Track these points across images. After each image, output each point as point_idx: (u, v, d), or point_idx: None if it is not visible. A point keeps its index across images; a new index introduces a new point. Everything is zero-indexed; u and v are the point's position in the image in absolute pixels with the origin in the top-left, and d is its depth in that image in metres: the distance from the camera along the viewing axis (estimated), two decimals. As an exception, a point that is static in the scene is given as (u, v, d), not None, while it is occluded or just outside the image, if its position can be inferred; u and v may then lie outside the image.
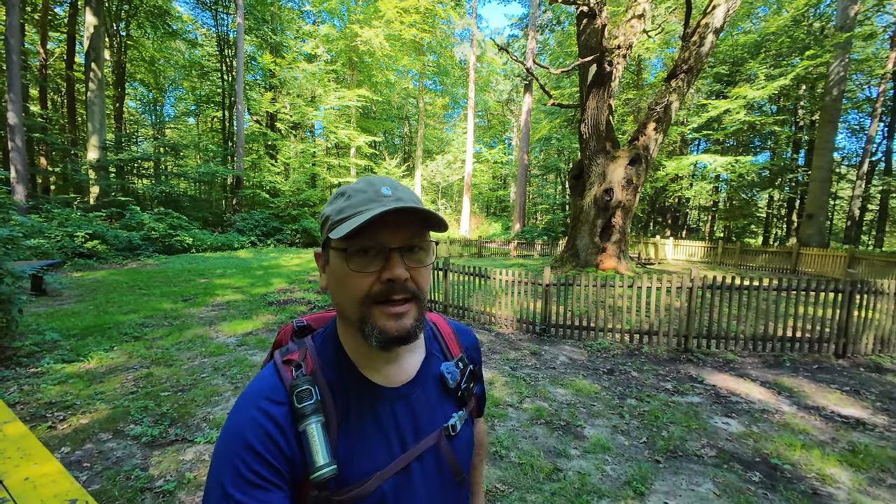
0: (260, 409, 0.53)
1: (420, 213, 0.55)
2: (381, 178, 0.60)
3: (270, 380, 0.57)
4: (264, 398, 0.54)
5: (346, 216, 0.55)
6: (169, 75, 26.05)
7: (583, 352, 4.91)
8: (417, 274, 0.57)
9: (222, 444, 0.52)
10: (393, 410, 0.60)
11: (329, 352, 0.61)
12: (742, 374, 4.16)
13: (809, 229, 14.43)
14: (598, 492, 2.28)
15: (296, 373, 0.57)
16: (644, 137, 9.97)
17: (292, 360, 0.58)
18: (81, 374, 3.75)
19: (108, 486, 2.26)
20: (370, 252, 0.55)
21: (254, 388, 0.56)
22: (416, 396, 0.62)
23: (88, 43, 15.19)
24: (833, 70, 14.39)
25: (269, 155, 22.26)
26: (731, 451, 2.72)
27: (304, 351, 0.60)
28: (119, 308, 6.31)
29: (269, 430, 0.52)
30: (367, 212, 0.53)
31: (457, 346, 0.73)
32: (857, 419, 3.20)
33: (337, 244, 0.55)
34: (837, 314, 4.61)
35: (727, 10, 9.31)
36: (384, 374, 0.61)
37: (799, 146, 22.38)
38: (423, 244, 0.58)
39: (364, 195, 0.56)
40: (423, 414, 0.62)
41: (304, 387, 0.55)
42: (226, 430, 0.53)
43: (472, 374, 0.72)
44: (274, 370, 0.58)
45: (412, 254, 0.57)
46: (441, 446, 0.63)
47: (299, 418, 0.53)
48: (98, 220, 12.74)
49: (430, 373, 0.66)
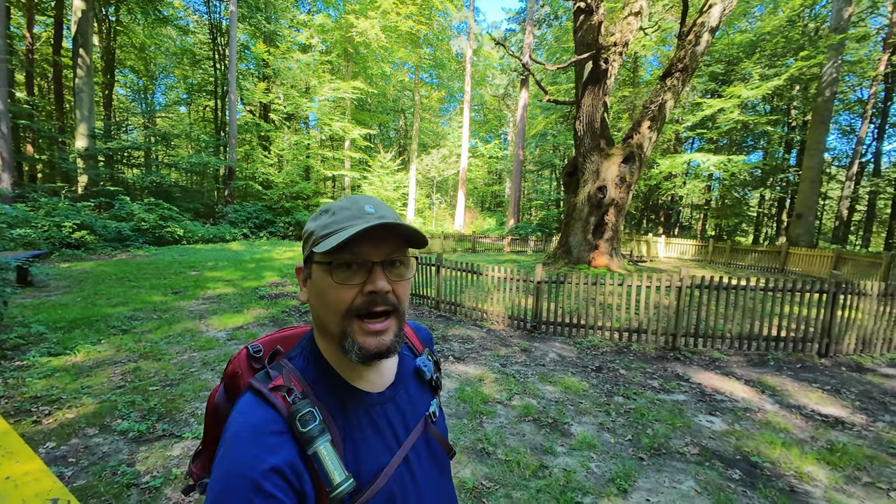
0: (261, 445, 0.51)
1: (401, 230, 0.58)
2: (365, 197, 0.63)
3: (261, 411, 0.54)
4: (262, 432, 0.52)
5: (330, 231, 0.58)
6: (160, 62, 25.54)
7: (572, 349, 4.96)
8: (398, 287, 0.60)
9: (225, 484, 0.49)
10: (384, 413, 0.64)
11: (315, 371, 0.61)
12: (727, 373, 4.23)
13: (798, 229, 14.63)
14: (582, 489, 2.32)
15: (290, 398, 0.56)
16: (638, 136, 10.00)
17: (280, 387, 0.57)
18: (68, 368, 3.72)
19: (93, 481, 2.25)
20: (353, 266, 0.57)
21: (245, 423, 0.53)
22: (399, 397, 0.67)
23: (76, 28, 14.83)
24: (826, 71, 14.52)
25: (262, 146, 22.00)
26: (714, 449, 2.78)
27: (289, 375, 0.59)
28: (107, 300, 6.24)
29: (276, 464, 0.50)
30: (352, 227, 0.55)
31: (419, 342, 0.80)
32: (836, 418, 3.28)
33: (321, 258, 0.58)
34: (821, 314, 4.70)
35: (723, 9, 9.32)
36: (369, 381, 0.64)
37: (791, 146, 22.62)
38: (404, 259, 0.61)
39: (348, 212, 0.59)
40: (409, 410, 0.68)
41: (306, 409, 0.55)
42: (225, 472, 0.50)
43: (437, 364, 0.79)
44: (260, 400, 0.56)
45: (393, 268, 0.60)
46: (429, 430, 0.69)
47: (307, 442, 0.53)
48: (86, 209, 12.54)
49: (405, 371, 0.71)
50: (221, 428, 0.59)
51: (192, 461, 0.78)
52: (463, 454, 2.64)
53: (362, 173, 24.52)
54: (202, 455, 0.76)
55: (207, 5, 22.74)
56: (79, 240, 10.96)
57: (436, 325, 5.87)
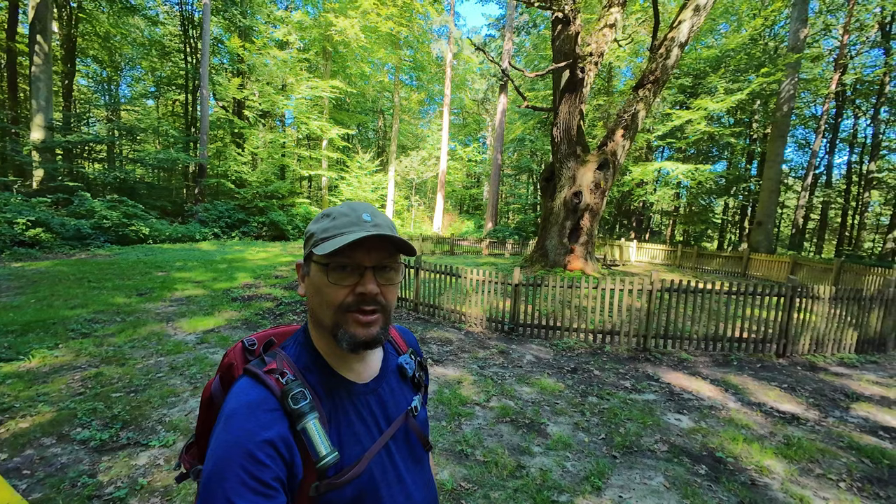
0: (256, 420, 0.57)
1: (393, 241, 0.65)
2: (364, 205, 0.69)
3: (256, 390, 0.60)
4: (257, 409, 0.58)
5: (329, 235, 0.64)
6: (125, 53, 24.36)
7: (549, 351, 5.05)
8: (386, 290, 0.66)
9: (221, 457, 0.54)
10: (367, 402, 0.70)
11: (306, 359, 0.67)
12: (694, 373, 4.42)
13: (759, 236, 15.46)
14: (558, 487, 2.37)
15: (283, 379, 0.61)
16: (612, 143, 10.32)
17: (274, 370, 0.63)
18: (21, 374, 3.49)
19: (51, 493, 2.12)
20: (347, 268, 0.64)
21: (241, 402, 0.59)
22: (382, 389, 0.73)
23: (34, 13, 13.98)
24: (784, 88, 15.43)
25: (235, 143, 21.35)
26: (681, 446, 2.89)
27: (282, 361, 0.65)
28: (65, 302, 5.90)
29: (269, 437, 0.56)
30: (349, 234, 0.62)
31: (403, 343, 0.86)
32: (792, 414, 3.48)
33: (319, 259, 0.64)
34: (779, 317, 4.98)
35: (692, 25, 9.77)
36: (356, 371, 0.70)
37: (752, 157, 23.89)
38: (394, 265, 0.68)
39: (346, 219, 0.65)
40: (390, 402, 0.73)
41: (297, 390, 0.61)
42: (222, 444, 0.55)
43: (420, 364, 0.84)
44: (255, 382, 0.61)
45: (384, 272, 0.66)
46: (409, 423, 0.75)
47: (297, 418, 0.59)
48: (42, 206, 11.80)
49: (388, 367, 0.77)
50: (215, 418, 0.65)
51: (183, 451, 0.81)
52: (442, 456, 2.64)
53: (340, 173, 24.18)
54: (193, 447, 0.80)
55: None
56: (33, 238, 10.31)
57: (414, 327, 5.86)
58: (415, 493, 0.72)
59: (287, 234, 18.42)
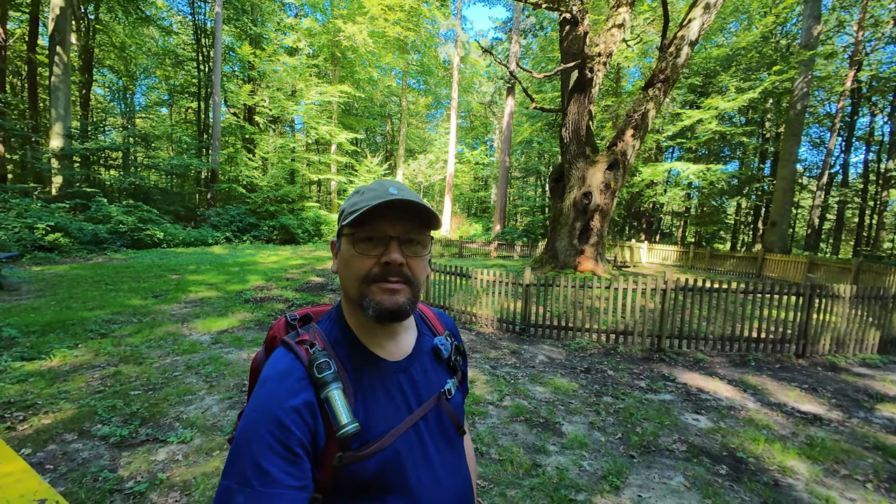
0: (284, 387, 0.59)
1: (416, 208, 0.65)
2: (392, 181, 0.69)
3: (286, 359, 0.63)
4: (286, 377, 0.60)
5: (357, 209, 0.64)
6: (141, 63, 24.94)
7: (561, 351, 5.01)
8: (412, 262, 0.66)
9: (251, 421, 0.57)
10: (398, 380, 0.69)
11: (336, 332, 0.69)
12: (711, 373, 4.34)
13: (773, 236, 15.17)
14: (575, 486, 2.34)
15: (311, 350, 0.63)
16: (622, 143, 10.25)
17: (304, 341, 0.65)
18: (43, 373, 3.57)
19: (73, 488, 2.16)
20: (373, 239, 0.64)
21: (272, 370, 0.62)
22: (414, 369, 0.72)
23: (53, 25, 14.40)
24: (797, 86, 15.18)
25: (246, 149, 21.67)
26: (701, 446, 2.84)
27: (314, 333, 0.68)
28: (83, 304, 6.02)
29: (295, 404, 0.57)
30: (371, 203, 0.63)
31: (440, 325, 0.85)
32: (814, 415, 3.40)
33: (347, 231, 0.66)
34: (798, 317, 4.87)
35: (702, 24, 9.68)
36: (386, 349, 0.70)
37: (765, 157, 23.51)
38: (420, 238, 0.68)
39: (374, 193, 0.66)
40: (422, 382, 0.72)
41: (322, 359, 0.62)
42: (252, 408, 0.58)
43: (458, 348, 0.83)
44: (286, 350, 0.64)
45: (410, 245, 0.66)
46: (442, 405, 0.74)
47: (321, 387, 0.60)
48: (61, 211, 12.09)
49: (423, 348, 0.76)
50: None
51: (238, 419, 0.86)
52: (456, 454, 2.63)
53: (349, 177, 24.38)
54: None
55: (192, 6, 22.43)
56: (52, 242, 10.56)
57: (425, 328, 5.85)
58: (444, 476, 0.71)
59: (297, 238, 18.59)
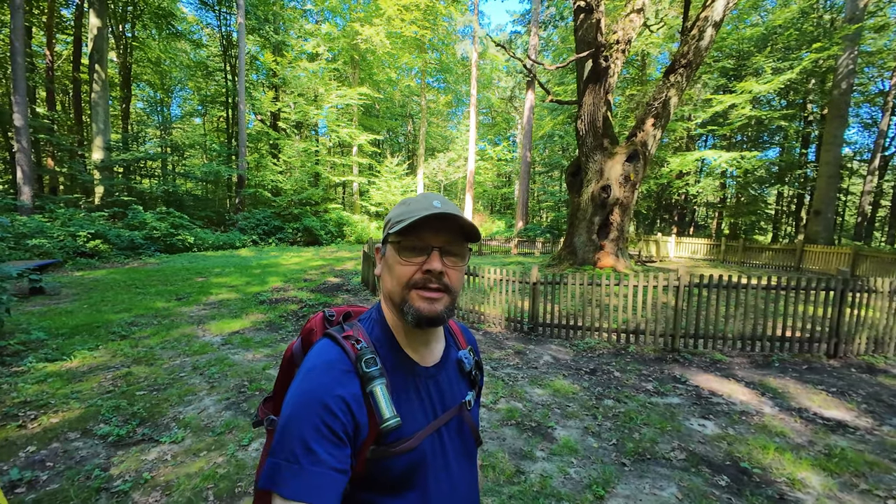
0: (332, 376, 0.63)
1: (457, 222, 0.70)
2: (435, 195, 0.74)
3: (334, 351, 0.67)
4: (334, 367, 0.65)
5: (403, 219, 0.70)
6: (175, 76, 26.30)
7: (568, 351, 4.85)
8: (451, 272, 0.70)
9: (301, 403, 0.61)
10: (427, 385, 0.74)
11: (378, 333, 0.73)
12: (728, 375, 4.07)
13: (817, 226, 14.12)
14: (556, 495, 2.24)
15: (359, 346, 0.68)
16: (642, 133, 9.82)
17: (350, 336, 0.70)
18: (61, 374, 3.79)
19: (65, 485, 2.27)
20: (417, 248, 0.69)
21: (321, 359, 0.66)
22: (441, 377, 0.77)
23: (92, 45, 15.39)
24: (842, 63, 14.03)
25: (271, 154, 22.40)
26: (702, 454, 2.65)
27: (358, 331, 0.72)
28: (112, 307, 6.38)
29: (342, 394, 0.62)
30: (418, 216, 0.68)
31: (463, 339, 0.89)
32: (838, 421, 3.10)
33: (393, 239, 0.71)
34: (829, 313, 4.49)
35: (727, 2, 9.10)
36: (420, 354, 0.75)
37: (808, 141, 21.89)
38: (460, 250, 0.72)
39: (419, 204, 0.71)
40: (447, 390, 0.77)
41: (370, 356, 0.67)
42: (302, 392, 0.62)
43: (478, 363, 0.87)
44: (333, 343, 0.68)
45: (450, 255, 0.71)
46: (463, 414, 0.79)
47: (368, 381, 0.64)
48: (101, 219, 12.92)
49: (449, 359, 0.81)
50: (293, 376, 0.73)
51: (262, 403, 0.92)
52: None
53: (370, 178, 24.70)
54: (270, 401, 0.90)
55: (219, 18, 23.37)
56: (93, 249, 11.29)
57: (431, 328, 5.81)
58: (460, 484, 0.76)
59: (320, 239, 19.04)
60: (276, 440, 0.60)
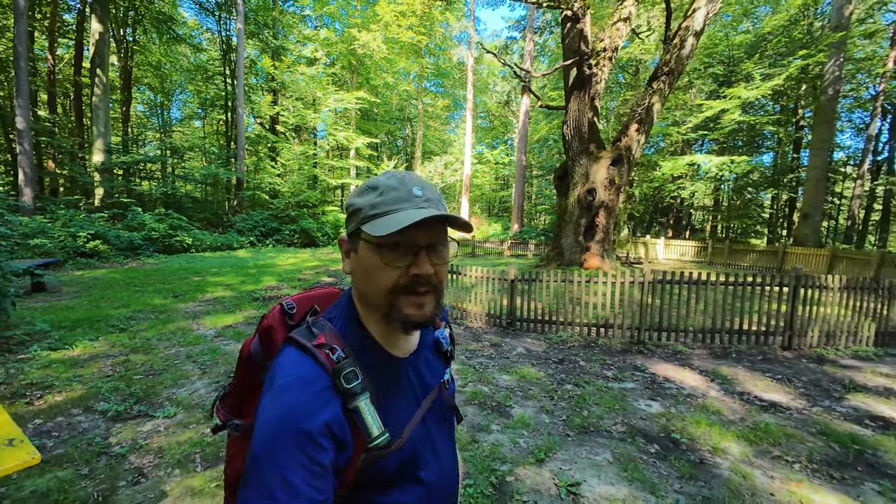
0: (311, 398, 0.55)
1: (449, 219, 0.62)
2: (411, 176, 0.65)
3: (308, 365, 0.59)
4: (310, 386, 0.57)
5: (379, 212, 0.61)
6: (175, 79, 26.71)
7: (542, 343, 5.14)
8: (439, 269, 0.64)
9: (276, 430, 0.53)
10: (407, 374, 0.70)
11: (354, 335, 0.66)
12: (685, 364, 4.36)
13: (805, 229, 14.43)
14: (502, 459, 2.53)
15: (335, 356, 0.60)
16: (626, 138, 10.14)
17: (324, 344, 0.61)
18: (64, 360, 4.09)
19: (69, 450, 2.56)
20: (401, 248, 0.60)
21: (293, 375, 0.58)
22: (419, 362, 0.73)
23: (94, 49, 15.76)
24: (828, 70, 14.40)
25: (270, 157, 22.76)
26: (640, 428, 2.95)
27: (331, 335, 0.63)
28: (111, 303, 6.68)
29: (326, 419, 0.55)
30: (401, 211, 0.60)
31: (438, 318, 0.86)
32: (774, 403, 3.40)
33: (369, 238, 0.61)
34: (784, 308, 4.78)
35: (707, 13, 9.46)
36: (401, 347, 0.70)
37: (800, 146, 22.24)
38: (445, 242, 0.65)
39: (396, 193, 0.62)
40: (427, 374, 0.73)
41: (350, 369, 0.60)
42: (275, 419, 0.53)
43: (451, 337, 0.86)
44: (305, 355, 0.60)
45: (436, 251, 0.63)
46: (443, 395, 0.76)
47: (350, 398, 0.58)
48: (101, 220, 13.23)
49: (425, 341, 0.76)
50: (253, 374, 0.72)
51: (218, 402, 0.82)
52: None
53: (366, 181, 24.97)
54: (229, 398, 0.81)
55: (219, 23, 23.78)
56: (92, 249, 11.59)
57: (415, 323, 6.10)
58: (447, 463, 0.74)
59: (317, 241, 19.36)
60: (250, 469, 0.52)
